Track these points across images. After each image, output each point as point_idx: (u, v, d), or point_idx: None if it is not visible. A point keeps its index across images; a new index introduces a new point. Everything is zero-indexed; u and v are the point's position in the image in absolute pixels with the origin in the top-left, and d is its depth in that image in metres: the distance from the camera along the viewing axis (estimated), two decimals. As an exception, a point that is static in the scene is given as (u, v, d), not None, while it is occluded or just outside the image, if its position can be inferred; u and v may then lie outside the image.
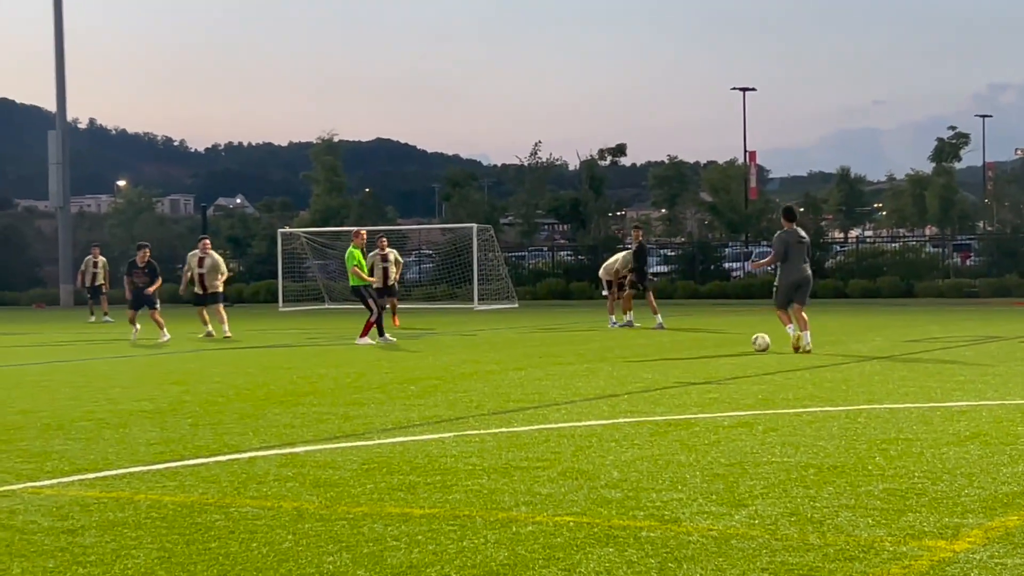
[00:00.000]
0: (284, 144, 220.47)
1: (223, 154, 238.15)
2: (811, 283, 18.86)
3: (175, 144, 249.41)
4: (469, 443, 9.38)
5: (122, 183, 74.66)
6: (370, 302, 22.16)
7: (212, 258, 26.04)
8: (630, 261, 26.80)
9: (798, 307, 18.42)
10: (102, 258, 35.56)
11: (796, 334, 18.19)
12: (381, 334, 22.22)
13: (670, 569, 5.56)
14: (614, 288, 27.08)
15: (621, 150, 57.24)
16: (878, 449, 8.76)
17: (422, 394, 13.07)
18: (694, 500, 7.03)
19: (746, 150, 62.96)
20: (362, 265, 22.52)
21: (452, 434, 9.91)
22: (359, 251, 22.52)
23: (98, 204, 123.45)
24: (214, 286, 25.80)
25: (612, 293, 27.23)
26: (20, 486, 7.89)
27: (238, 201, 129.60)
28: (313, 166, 58.48)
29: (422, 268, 51.97)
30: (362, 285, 22.35)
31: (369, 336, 22.05)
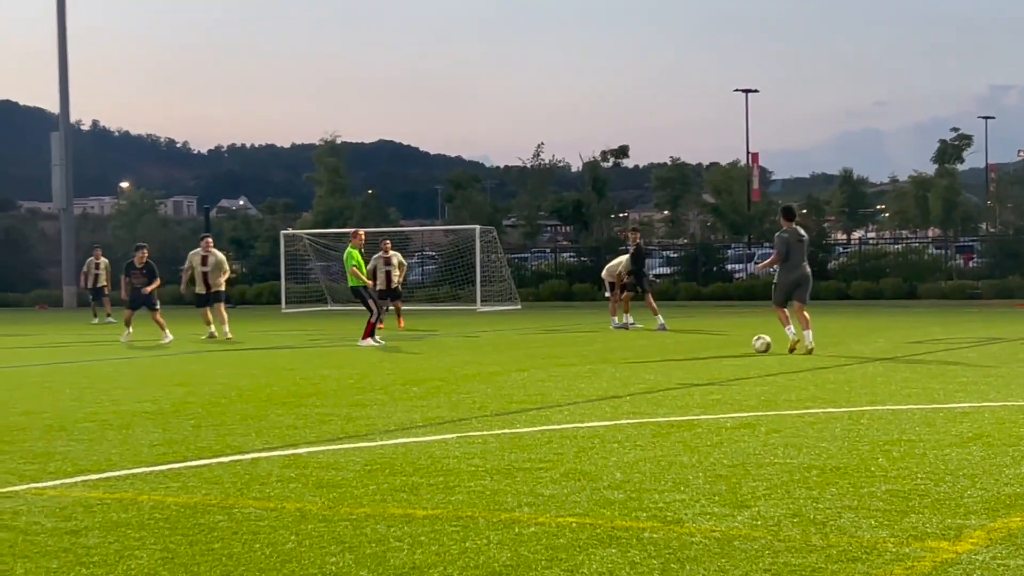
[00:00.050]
0: (287, 146, 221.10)
1: (226, 155, 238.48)
2: (811, 281, 18.88)
3: (178, 146, 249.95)
4: (472, 444, 9.39)
5: (125, 185, 74.58)
6: (370, 303, 22.12)
7: (215, 256, 26.01)
8: (629, 263, 26.83)
9: (799, 306, 18.43)
10: (104, 259, 35.54)
11: (795, 338, 18.21)
12: (372, 335, 22.09)
13: (673, 570, 5.56)
14: (616, 290, 27.10)
15: (624, 151, 57.27)
16: (881, 450, 8.76)
17: (425, 395, 13.08)
18: (697, 501, 7.03)
19: (748, 151, 63.03)
20: (361, 266, 22.45)
21: (455, 435, 9.91)
22: (358, 251, 22.49)
23: (101, 206, 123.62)
24: (217, 284, 25.78)
25: (614, 295, 27.24)
26: (23, 487, 7.89)
27: (241, 203, 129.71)
28: (316, 167, 58.54)
29: (425, 270, 52.01)
30: (362, 286, 22.33)
31: (371, 337, 22.04)
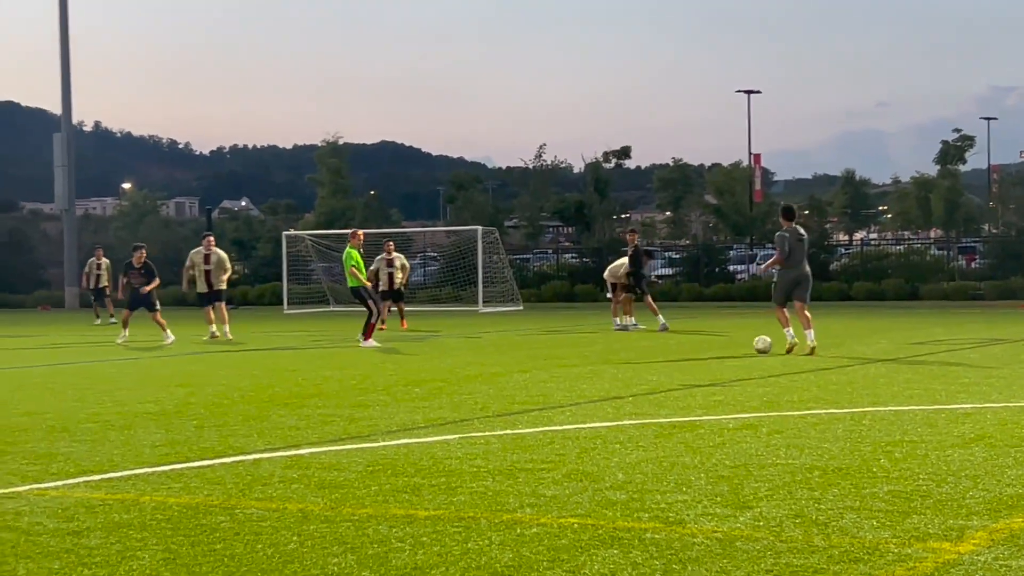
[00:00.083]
0: (289, 146, 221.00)
1: (228, 156, 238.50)
2: (810, 280, 18.97)
3: (180, 146, 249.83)
4: (474, 445, 9.39)
5: (127, 186, 74.56)
6: (370, 303, 22.08)
7: (217, 254, 26.05)
8: (634, 265, 26.83)
9: (800, 305, 18.51)
10: (105, 260, 35.52)
11: (793, 340, 18.26)
12: (364, 333, 22.11)
13: (675, 571, 5.56)
14: (619, 291, 27.09)
15: (626, 152, 57.24)
16: (883, 451, 8.76)
17: (427, 396, 13.08)
18: (699, 502, 7.03)
19: (751, 152, 63.00)
20: (360, 266, 22.40)
21: (457, 436, 9.91)
22: (356, 251, 22.46)
23: (103, 207, 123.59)
24: (220, 283, 25.81)
25: (617, 296, 27.24)
26: (25, 488, 7.90)
27: (243, 204, 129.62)
28: (318, 168, 58.51)
29: (427, 270, 52.00)
30: (361, 286, 22.30)
31: (373, 338, 22.04)
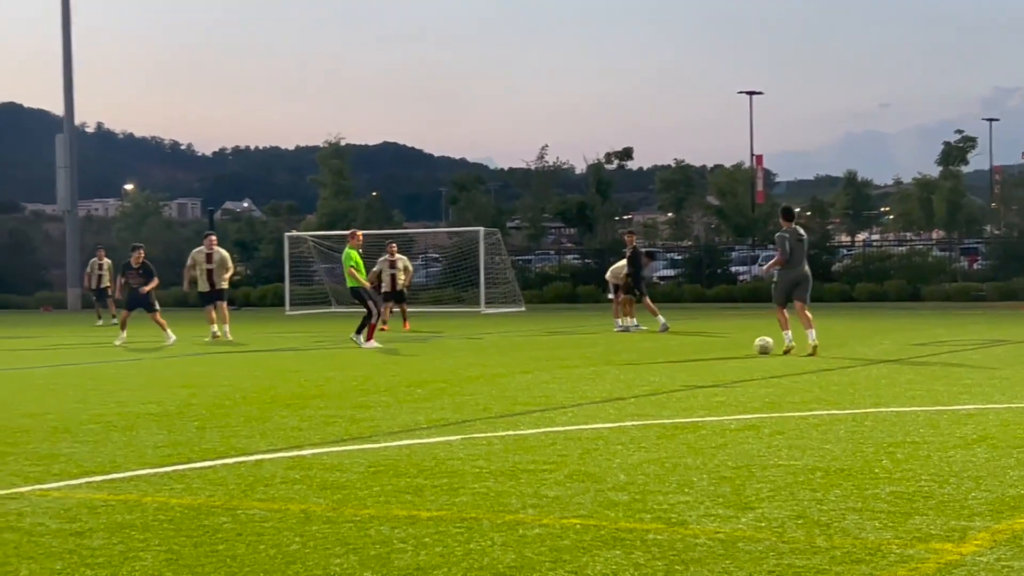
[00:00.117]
0: (291, 148, 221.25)
1: (230, 158, 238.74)
2: (810, 281, 19.05)
3: (182, 148, 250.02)
4: (476, 446, 9.39)
5: (129, 187, 74.60)
6: (370, 303, 22.05)
7: (220, 253, 26.09)
8: (632, 266, 26.84)
9: (800, 305, 18.60)
10: (107, 260, 35.50)
11: (790, 343, 18.33)
12: (358, 332, 21.95)
13: (677, 571, 5.56)
14: (620, 292, 27.09)
15: (628, 154, 57.21)
16: (885, 452, 8.76)
17: (429, 397, 13.08)
18: (701, 503, 7.03)
19: (753, 154, 63.01)
20: (360, 266, 22.33)
21: (459, 437, 9.91)
22: (356, 252, 22.41)
23: (105, 208, 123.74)
24: (222, 281, 25.84)
25: (618, 297, 27.24)
26: (28, 488, 7.90)
27: (245, 205, 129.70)
28: (320, 170, 58.50)
29: (429, 272, 51.99)
30: (360, 286, 22.27)
31: (375, 339, 22.04)
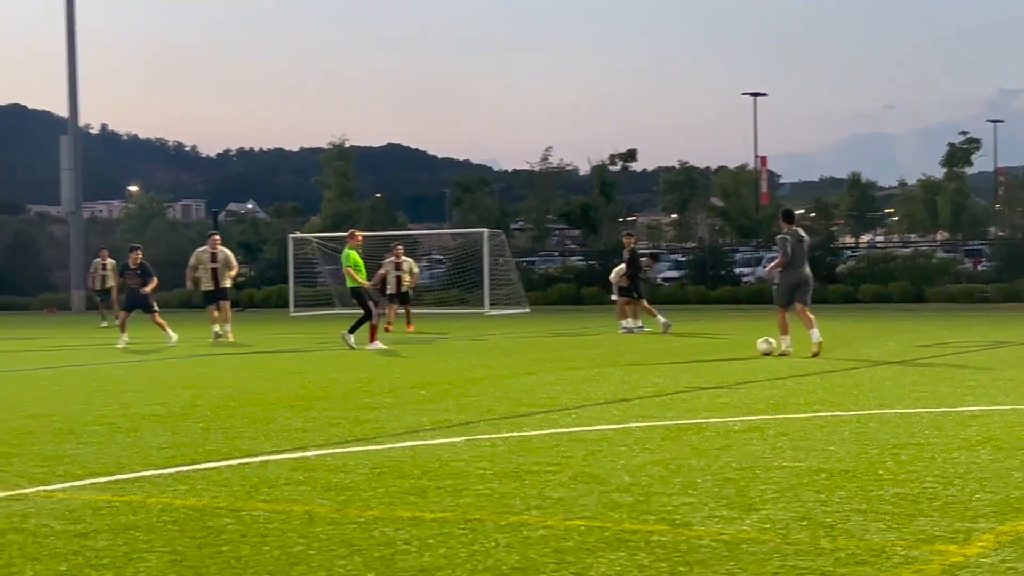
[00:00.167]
0: (295, 149, 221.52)
1: (234, 159, 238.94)
2: (811, 283, 19.06)
3: (187, 149, 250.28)
4: (480, 447, 9.39)
5: (134, 188, 74.61)
6: (370, 304, 22.03)
7: (224, 253, 26.17)
8: (631, 268, 26.83)
9: (801, 307, 18.65)
10: (111, 260, 35.51)
11: (788, 349, 18.39)
12: (350, 331, 21.92)
13: (681, 573, 5.56)
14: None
15: (632, 155, 57.23)
16: (889, 453, 8.75)
17: (433, 398, 13.08)
18: (705, 504, 7.03)
19: (757, 155, 63.03)
20: (359, 266, 22.29)
21: (463, 438, 9.91)
22: (355, 252, 22.39)
23: (110, 209, 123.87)
24: (226, 280, 25.91)
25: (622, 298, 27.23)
26: (32, 490, 7.91)
27: (249, 206, 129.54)
28: (324, 171, 58.51)
29: (433, 273, 51.98)
30: (360, 287, 22.24)
31: (379, 339, 22.04)
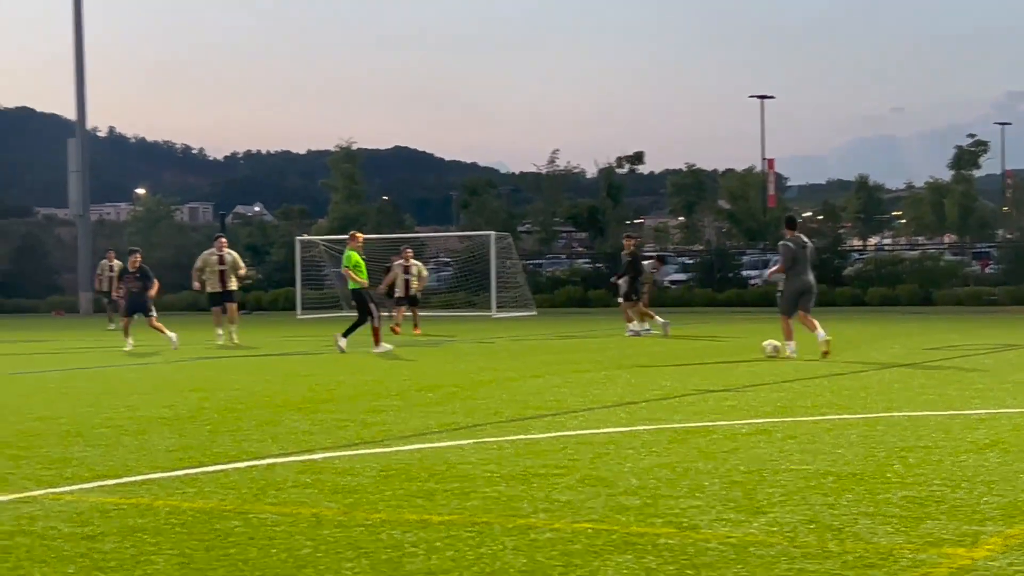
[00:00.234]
0: (302, 152, 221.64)
1: (242, 162, 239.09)
2: (815, 291, 19.07)
3: (194, 152, 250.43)
4: (487, 450, 9.39)
5: (141, 191, 74.70)
6: (371, 307, 22.01)
7: (231, 255, 26.25)
8: (645, 270, 26.82)
9: (803, 314, 18.68)
10: (117, 262, 35.54)
11: (791, 354, 18.40)
12: (344, 335, 21.89)
13: (688, 576, 5.56)
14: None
15: (639, 158, 57.17)
16: (897, 457, 8.74)
17: (440, 401, 13.08)
18: (712, 507, 7.02)
19: (764, 157, 63.02)
20: (360, 267, 22.24)
21: (470, 441, 9.92)
22: (356, 253, 22.36)
23: (117, 212, 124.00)
24: (233, 282, 25.97)
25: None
26: (40, 492, 7.92)
27: (256, 209, 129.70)
28: (331, 174, 58.52)
29: (440, 276, 51.98)
30: (361, 288, 22.23)
31: (384, 340, 22.03)
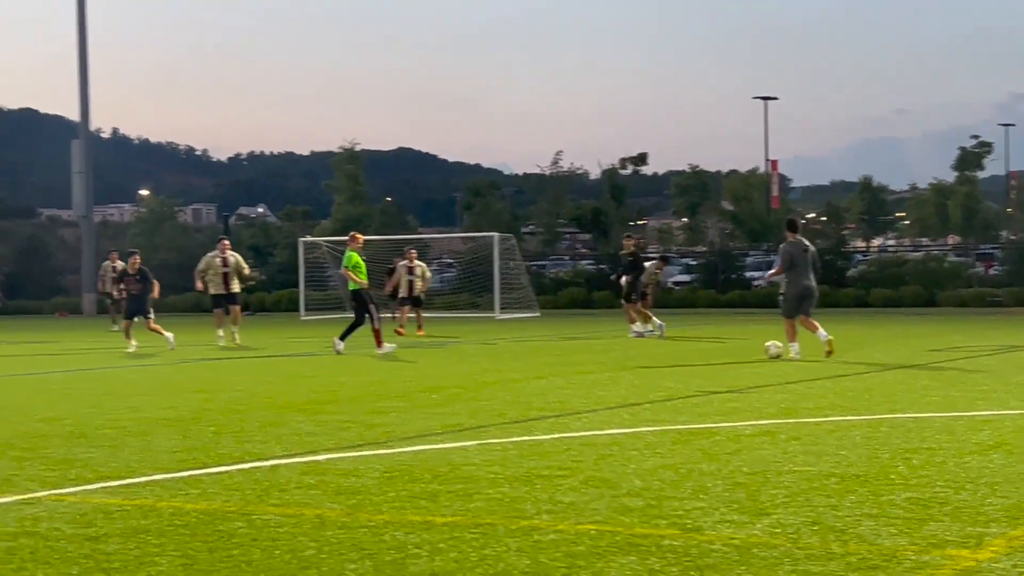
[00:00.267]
0: (306, 153, 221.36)
1: (245, 163, 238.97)
2: (816, 295, 19.11)
3: (197, 153, 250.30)
4: (491, 451, 9.39)
5: (145, 192, 74.76)
6: (371, 308, 22.00)
7: (235, 257, 26.32)
8: (646, 270, 26.80)
9: (803, 318, 18.71)
10: (120, 263, 35.58)
11: (795, 356, 18.40)
12: (341, 338, 21.86)
13: (692, 577, 5.55)
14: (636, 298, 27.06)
15: (642, 159, 57.13)
16: (901, 458, 8.74)
17: (444, 402, 13.09)
18: (716, 509, 7.02)
19: (767, 159, 63.03)
20: (360, 267, 22.21)
21: (474, 442, 9.92)
22: (355, 254, 22.35)
23: (121, 213, 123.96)
24: (236, 284, 26.03)
25: (633, 302, 27.21)
26: (44, 493, 7.93)
27: (260, 210, 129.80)
28: (335, 175, 58.51)
29: (444, 277, 51.97)
30: (361, 289, 22.23)
31: (387, 341, 22.02)
